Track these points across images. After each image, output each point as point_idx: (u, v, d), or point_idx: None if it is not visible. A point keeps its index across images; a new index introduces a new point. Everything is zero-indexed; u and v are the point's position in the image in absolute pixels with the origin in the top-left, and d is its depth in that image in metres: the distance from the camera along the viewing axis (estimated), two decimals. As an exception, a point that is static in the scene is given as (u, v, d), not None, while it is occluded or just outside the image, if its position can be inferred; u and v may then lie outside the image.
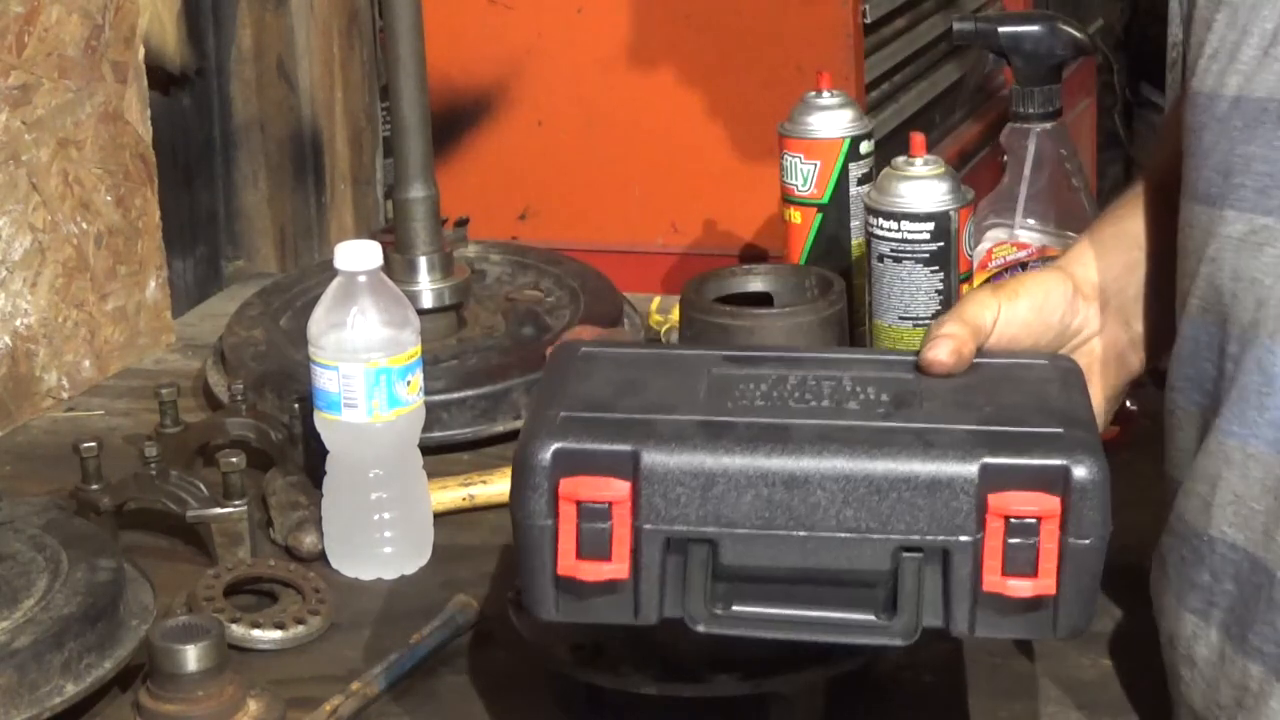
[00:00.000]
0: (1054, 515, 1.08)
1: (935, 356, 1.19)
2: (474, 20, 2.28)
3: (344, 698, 1.28)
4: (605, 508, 1.10)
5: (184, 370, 1.90)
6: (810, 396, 1.16)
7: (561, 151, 2.29)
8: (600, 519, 1.10)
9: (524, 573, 1.13)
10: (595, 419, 1.13)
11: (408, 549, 1.50)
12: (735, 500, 1.10)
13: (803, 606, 1.12)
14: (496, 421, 1.70)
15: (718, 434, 1.11)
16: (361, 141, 2.27)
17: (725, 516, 1.10)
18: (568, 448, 1.10)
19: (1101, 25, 3.70)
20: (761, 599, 1.12)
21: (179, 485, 1.51)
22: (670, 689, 1.25)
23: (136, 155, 1.91)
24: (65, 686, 1.28)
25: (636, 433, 1.11)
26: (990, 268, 1.64)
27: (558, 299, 1.87)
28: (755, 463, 1.10)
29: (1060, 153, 1.65)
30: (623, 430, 1.12)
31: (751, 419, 1.13)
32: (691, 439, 1.11)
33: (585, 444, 1.11)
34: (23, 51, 1.76)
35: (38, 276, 1.81)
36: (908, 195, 1.54)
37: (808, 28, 2.19)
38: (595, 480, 1.10)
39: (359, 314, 1.46)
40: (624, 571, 1.10)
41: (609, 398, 1.16)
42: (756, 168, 2.14)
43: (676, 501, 1.10)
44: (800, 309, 1.33)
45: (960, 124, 2.66)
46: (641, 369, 1.20)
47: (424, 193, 1.78)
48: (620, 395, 1.16)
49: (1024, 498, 1.08)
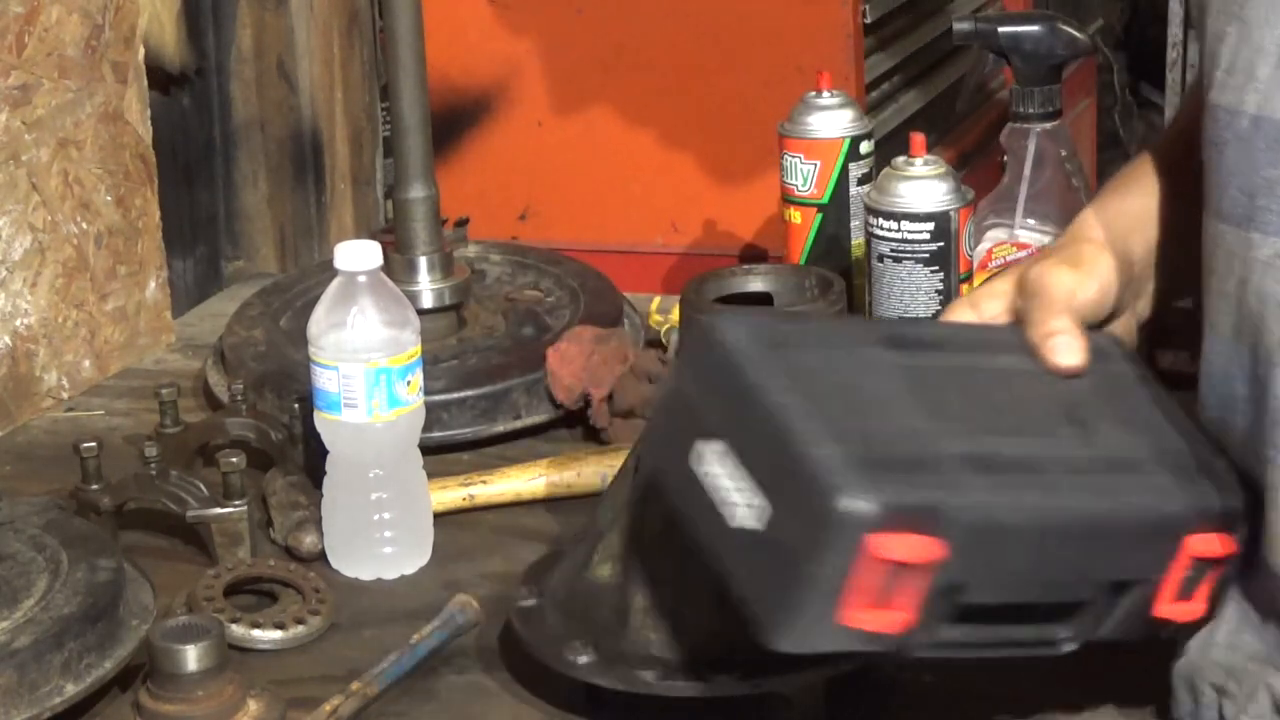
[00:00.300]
0: (1232, 553, 1.15)
1: (1071, 364, 1.21)
2: (474, 20, 2.28)
3: (344, 698, 1.28)
4: (901, 566, 1.06)
5: (184, 370, 1.90)
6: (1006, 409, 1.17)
7: (561, 151, 2.29)
8: (902, 574, 1.06)
9: (783, 608, 1.07)
10: (875, 460, 1.07)
11: (408, 549, 1.50)
12: (1007, 550, 1.10)
13: (990, 625, 1.13)
14: (496, 421, 1.70)
15: (997, 481, 1.10)
16: (361, 141, 2.27)
17: (995, 563, 1.10)
18: (875, 508, 1.04)
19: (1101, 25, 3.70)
20: (964, 621, 1.12)
21: (179, 485, 1.51)
22: (670, 689, 1.25)
23: (136, 155, 1.91)
24: (65, 686, 1.28)
25: (927, 480, 1.07)
26: (990, 268, 1.64)
27: (558, 299, 1.87)
28: (1035, 516, 1.10)
29: (1060, 153, 1.65)
30: (913, 477, 1.07)
31: (1003, 451, 1.12)
32: (978, 488, 1.09)
33: (891, 499, 1.05)
34: (23, 51, 1.76)
35: (38, 276, 1.81)
36: (908, 195, 1.54)
37: (808, 28, 2.19)
38: (906, 540, 1.05)
39: (359, 314, 1.46)
40: (907, 619, 1.07)
41: (845, 415, 1.09)
42: (756, 168, 2.13)
43: (968, 553, 1.08)
44: (800, 309, 1.33)
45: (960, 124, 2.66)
46: (830, 363, 1.13)
47: (424, 193, 1.78)
48: (852, 412, 1.10)
49: (1215, 540, 1.14)
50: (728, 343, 1.11)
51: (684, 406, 1.13)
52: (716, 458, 1.10)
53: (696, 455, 1.11)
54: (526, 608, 1.34)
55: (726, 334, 1.12)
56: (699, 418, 1.12)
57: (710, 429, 1.10)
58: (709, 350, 1.12)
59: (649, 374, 1.68)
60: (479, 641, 1.38)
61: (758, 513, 1.07)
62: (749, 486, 1.08)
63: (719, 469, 1.10)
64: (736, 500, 1.09)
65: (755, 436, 1.09)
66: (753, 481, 1.08)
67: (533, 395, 1.72)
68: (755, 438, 1.08)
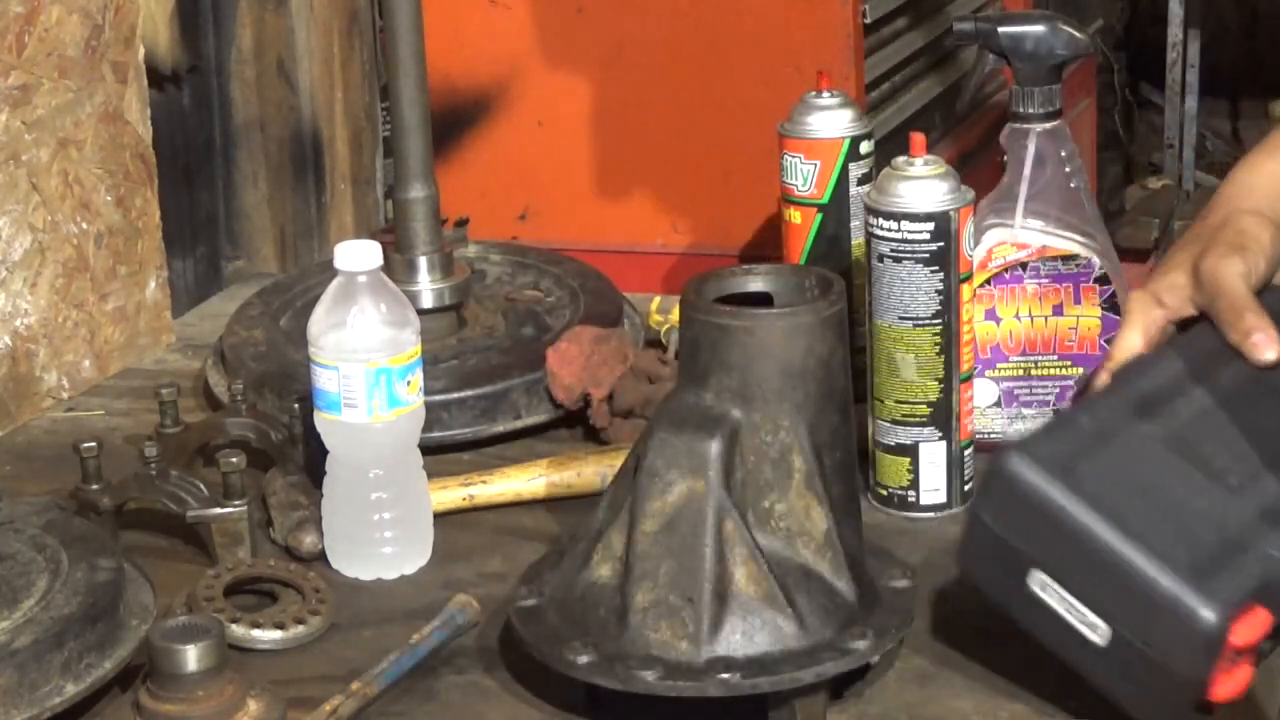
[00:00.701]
0: None
1: (1274, 358, 1.29)
2: (474, 20, 2.28)
3: (344, 698, 1.28)
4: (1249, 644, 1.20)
5: (184, 370, 1.90)
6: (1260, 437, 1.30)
7: (561, 151, 2.29)
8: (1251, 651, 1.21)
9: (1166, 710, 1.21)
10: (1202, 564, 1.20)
11: (408, 549, 1.50)
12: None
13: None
14: (496, 421, 1.70)
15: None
16: (361, 141, 2.27)
17: None
18: (1227, 611, 1.19)
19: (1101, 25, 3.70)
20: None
21: (179, 485, 1.51)
22: (670, 689, 1.25)
23: (136, 155, 1.91)
24: (65, 686, 1.28)
25: (1246, 560, 1.22)
26: (990, 268, 1.64)
27: (558, 299, 1.87)
28: None
29: (1060, 153, 1.65)
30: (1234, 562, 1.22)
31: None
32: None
33: (1232, 597, 1.20)
34: (23, 51, 1.76)
35: (38, 276, 1.81)
36: (908, 195, 1.54)
37: (808, 28, 2.19)
38: (1253, 620, 1.19)
39: (359, 314, 1.46)
40: (1250, 674, 1.21)
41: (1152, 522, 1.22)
42: (756, 168, 2.13)
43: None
44: (800, 309, 1.33)
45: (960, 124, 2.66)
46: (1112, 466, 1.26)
47: (424, 193, 1.78)
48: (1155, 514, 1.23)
49: None
50: (1027, 481, 1.23)
51: (1002, 546, 1.25)
52: (1044, 585, 1.23)
53: (1037, 581, 1.23)
54: (526, 608, 1.34)
55: (1021, 471, 1.24)
56: (1019, 554, 1.24)
57: (1034, 561, 1.23)
58: (1010, 493, 1.24)
59: (649, 374, 1.68)
60: (479, 641, 1.38)
61: (1100, 633, 1.22)
62: (1083, 609, 1.22)
63: (1052, 596, 1.23)
64: (1073, 622, 1.22)
65: (1082, 566, 1.22)
66: (1086, 605, 1.22)
67: (533, 395, 1.72)
68: (1082, 567, 1.22)
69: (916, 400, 1.55)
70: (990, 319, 1.65)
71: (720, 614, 1.27)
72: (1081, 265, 1.63)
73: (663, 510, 1.29)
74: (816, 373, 1.32)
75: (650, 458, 1.30)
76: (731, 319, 1.32)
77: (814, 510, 1.30)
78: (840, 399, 1.34)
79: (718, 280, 1.39)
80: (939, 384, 1.55)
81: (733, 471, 1.29)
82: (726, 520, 1.28)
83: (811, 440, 1.31)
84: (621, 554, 1.30)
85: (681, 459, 1.29)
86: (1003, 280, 1.64)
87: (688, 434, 1.30)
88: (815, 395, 1.32)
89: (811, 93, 1.73)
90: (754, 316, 1.33)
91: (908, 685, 1.32)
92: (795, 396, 1.31)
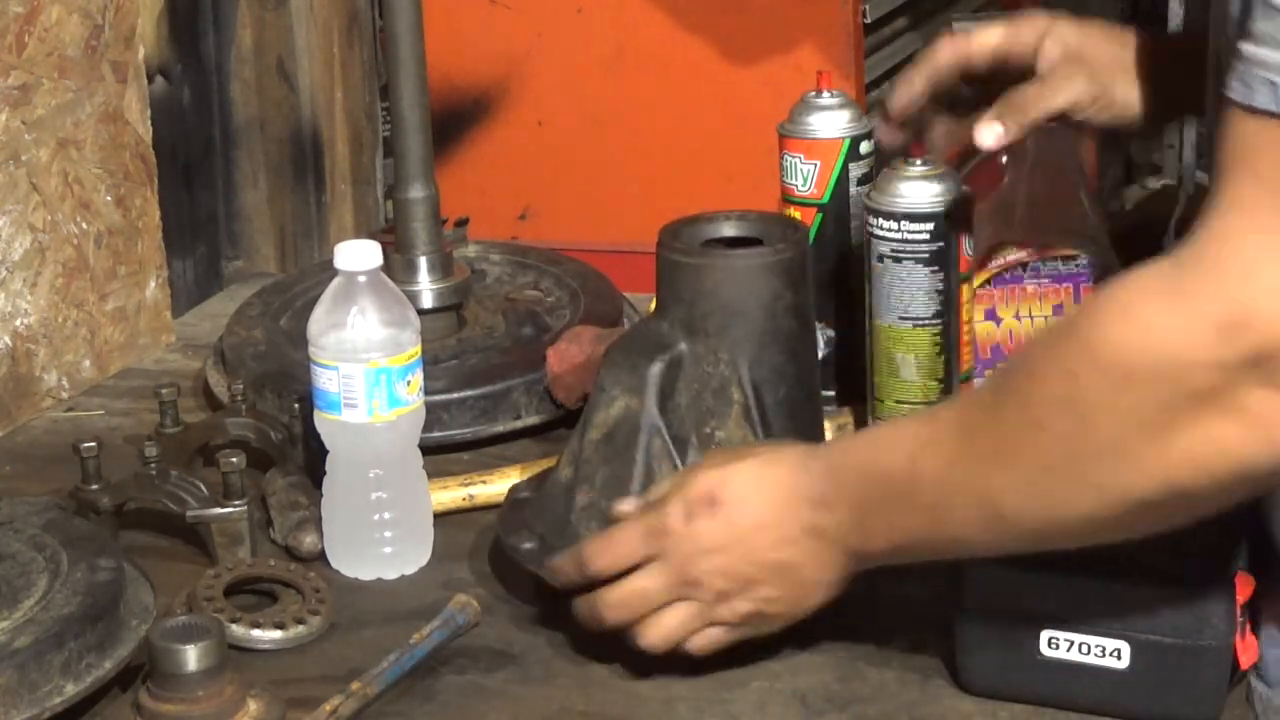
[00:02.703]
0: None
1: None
2: (474, 20, 2.28)
3: (344, 698, 1.28)
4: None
5: (184, 370, 1.90)
6: None
7: (561, 151, 2.29)
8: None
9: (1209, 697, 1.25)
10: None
11: (408, 549, 1.50)
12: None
13: None
14: (496, 421, 1.70)
15: None
16: (361, 141, 2.27)
17: None
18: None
19: (1101, 25, 3.69)
20: None
21: (179, 485, 1.51)
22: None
23: (136, 155, 1.91)
24: (65, 686, 1.28)
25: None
26: (990, 268, 1.64)
27: (558, 299, 1.87)
28: None
29: (1060, 153, 1.65)
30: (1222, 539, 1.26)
31: None
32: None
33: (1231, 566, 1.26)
34: (23, 51, 1.76)
35: (38, 276, 1.81)
36: (908, 195, 1.54)
37: (808, 28, 2.19)
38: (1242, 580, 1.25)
39: (359, 314, 1.46)
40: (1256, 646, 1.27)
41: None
42: (756, 168, 2.13)
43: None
44: (743, 254, 1.43)
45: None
46: None
47: (424, 193, 1.78)
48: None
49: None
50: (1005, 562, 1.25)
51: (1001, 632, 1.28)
52: (1053, 641, 1.26)
53: (1046, 641, 1.26)
54: (519, 498, 1.47)
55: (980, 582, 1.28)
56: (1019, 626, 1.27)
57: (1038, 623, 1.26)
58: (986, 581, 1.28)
59: (649, 374, 1.68)
60: (479, 641, 1.38)
61: (1121, 655, 1.24)
62: (1098, 641, 1.25)
63: (1064, 648, 1.26)
64: (1092, 660, 1.25)
65: (1084, 598, 1.25)
66: (1100, 634, 1.25)
67: (533, 395, 1.72)
68: (1085, 599, 1.25)
69: (917, 400, 1.55)
70: (990, 319, 1.65)
71: None
72: (1081, 265, 1.64)
73: (605, 422, 1.40)
74: (755, 314, 1.41)
75: (602, 374, 1.42)
76: (682, 256, 1.43)
77: (750, 441, 1.40)
78: (786, 341, 1.42)
79: (705, 223, 1.49)
80: (939, 384, 1.55)
81: (671, 395, 1.40)
82: (655, 438, 1.39)
83: (751, 376, 1.40)
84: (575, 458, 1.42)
85: (624, 378, 1.40)
86: (1003, 280, 1.64)
87: (634, 356, 1.41)
88: (755, 334, 1.41)
89: (811, 93, 1.73)
90: (701, 255, 1.43)
91: (908, 685, 1.32)
92: (735, 333, 1.41)
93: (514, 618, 1.42)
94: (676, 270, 1.43)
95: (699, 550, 1.27)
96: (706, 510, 1.27)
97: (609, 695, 1.32)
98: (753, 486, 1.28)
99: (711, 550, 1.27)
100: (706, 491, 1.28)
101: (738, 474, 1.29)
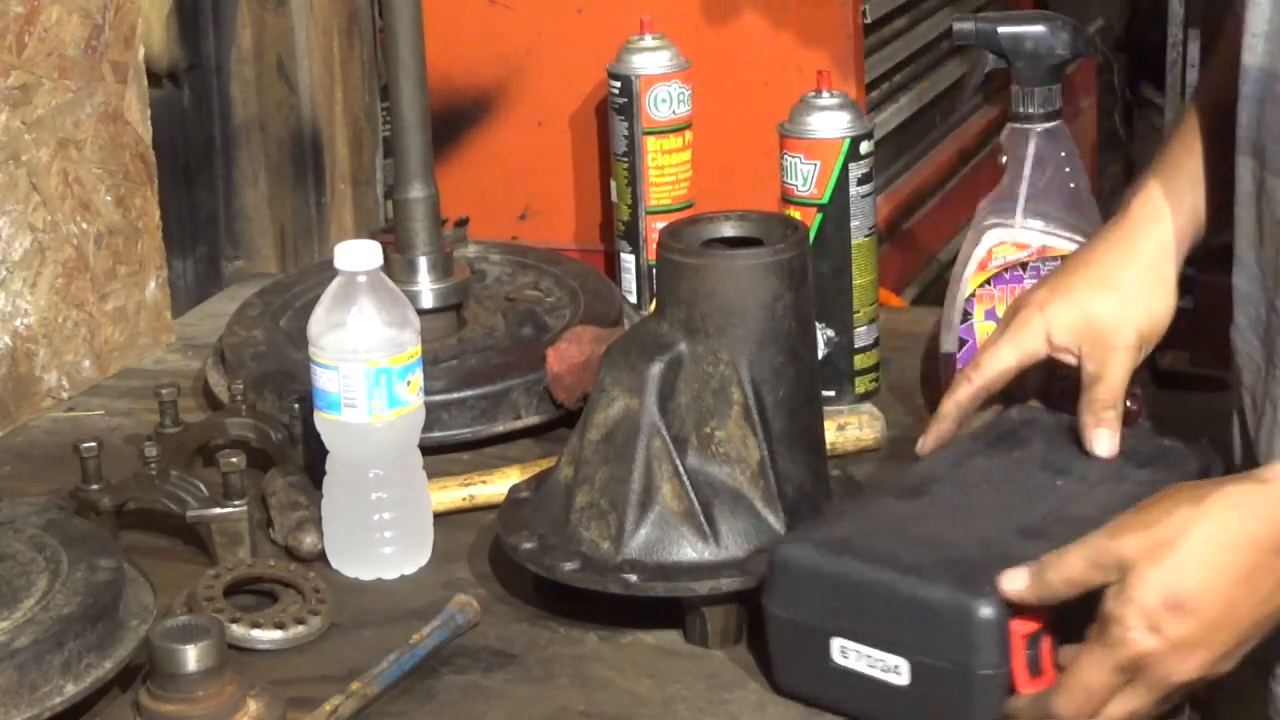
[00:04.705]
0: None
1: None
2: (474, 20, 2.28)
3: (344, 698, 1.28)
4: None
5: (184, 370, 1.90)
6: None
7: (561, 151, 2.29)
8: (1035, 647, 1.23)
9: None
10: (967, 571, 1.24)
11: (408, 549, 1.50)
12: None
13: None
14: (496, 421, 1.70)
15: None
16: (361, 141, 2.27)
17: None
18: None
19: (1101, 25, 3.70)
20: None
21: (179, 485, 1.51)
22: (583, 581, 1.37)
23: (136, 155, 1.91)
24: (65, 686, 1.28)
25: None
26: (990, 268, 1.64)
27: (558, 299, 1.87)
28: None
29: (1060, 153, 1.65)
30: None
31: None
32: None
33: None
34: (23, 51, 1.76)
35: (38, 276, 1.81)
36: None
37: (808, 28, 2.19)
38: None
39: (359, 314, 1.46)
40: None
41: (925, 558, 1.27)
42: (756, 168, 2.13)
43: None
44: (742, 254, 1.43)
45: (960, 124, 2.66)
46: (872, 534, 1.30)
47: (424, 193, 1.78)
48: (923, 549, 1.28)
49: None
50: (801, 559, 1.28)
51: (799, 629, 1.28)
52: (844, 650, 1.26)
53: (838, 649, 1.26)
54: (519, 498, 1.47)
55: (794, 554, 1.29)
56: (813, 629, 1.27)
57: (829, 630, 1.27)
58: (791, 576, 1.29)
59: (649, 374, 1.68)
60: (479, 641, 1.39)
61: (901, 672, 1.24)
62: (881, 656, 1.24)
63: (853, 658, 1.26)
64: (877, 674, 1.25)
65: (869, 615, 1.25)
66: (884, 650, 1.24)
67: (533, 395, 1.72)
68: (870, 615, 1.25)
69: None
70: (990, 319, 1.65)
71: (640, 522, 1.38)
72: (1081, 265, 1.63)
73: (605, 422, 1.41)
74: (755, 314, 1.40)
75: (601, 373, 1.42)
76: (682, 256, 1.43)
77: (749, 441, 1.40)
78: (786, 341, 1.42)
79: (705, 223, 1.48)
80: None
81: (671, 395, 1.40)
82: (655, 439, 1.39)
83: (751, 375, 1.40)
84: (575, 458, 1.42)
85: (624, 378, 1.41)
86: (1003, 280, 1.64)
87: (633, 356, 1.41)
88: (755, 334, 1.41)
89: (811, 93, 1.73)
90: (701, 255, 1.43)
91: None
92: (735, 333, 1.40)
93: (514, 618, 1.42)
94: (676, 270, 1.43)
95: (1181, 661, 1.18)
96: (1174, 618, 1.17)
97: (609, 695, 1.32)
98: (1214, 567, 1.18)
99: (1192, 650, 1.18)
100: (1164, 597, 1.17)
101: (1189, 559, 1.18)
